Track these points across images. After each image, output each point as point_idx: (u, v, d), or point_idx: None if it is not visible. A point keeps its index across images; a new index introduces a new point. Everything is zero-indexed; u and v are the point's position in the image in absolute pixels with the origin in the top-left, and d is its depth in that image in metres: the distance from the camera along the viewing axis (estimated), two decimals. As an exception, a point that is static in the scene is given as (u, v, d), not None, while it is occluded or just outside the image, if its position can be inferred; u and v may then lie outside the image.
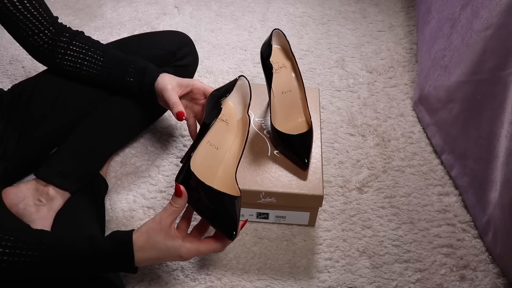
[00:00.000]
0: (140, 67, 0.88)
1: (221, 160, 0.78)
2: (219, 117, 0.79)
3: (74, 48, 0.88)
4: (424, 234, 0.93)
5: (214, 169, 0.77)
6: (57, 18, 0.89)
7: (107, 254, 0.66)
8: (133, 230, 0.68)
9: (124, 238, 0.67)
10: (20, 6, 0.81)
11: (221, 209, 0.69)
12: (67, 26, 0.90)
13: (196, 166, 0.71)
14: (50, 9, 0.88)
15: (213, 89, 0.86)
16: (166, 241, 0.67)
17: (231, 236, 0.68)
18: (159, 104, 0.90)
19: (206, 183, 0.68)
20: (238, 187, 0.73)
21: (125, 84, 0.89)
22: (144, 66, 0.88)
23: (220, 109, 0.80)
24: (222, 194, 0.69)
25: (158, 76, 0.86)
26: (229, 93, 0.82)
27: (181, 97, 0.86)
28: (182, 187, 0.67)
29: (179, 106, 0.83)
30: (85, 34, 0.92)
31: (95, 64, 0.89)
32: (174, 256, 0.68)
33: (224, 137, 0.80)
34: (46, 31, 0.86)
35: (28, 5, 0.82)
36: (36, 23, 0.84)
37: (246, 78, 0.82)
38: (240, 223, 0.71)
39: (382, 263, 0.88)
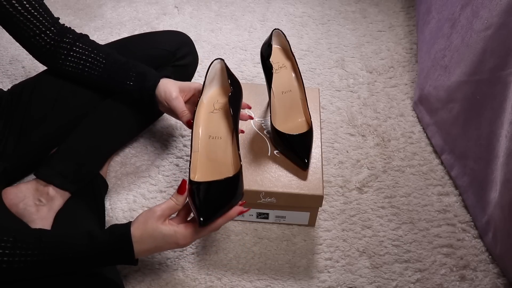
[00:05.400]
0: (141, 72, 0.89)
1: (226, 146, 0.78)
2: (206, 110, 0.80)
3: (77, 49, 0.88)
4: (424, 234, 0.93)
5: (222, 157, 0.77)
6: (58, 19, 0.88)
7: (106, 247, 0.66)
8: (130, 222, 0.68)
9: (122, 230, 0.67)
10: (19, 7, 0.81)
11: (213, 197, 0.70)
12: (71, 28, 0.90)
13: (202, 165, 0.71)
14: (50, 9, 0.88)
15: None
16: (162, 229, 0.67)
17: (200, 223, 0.66)
18: (159, 110, 0.90)
19: (215, 176, 0.70)
20: (240, 159, 0.74)
21: (125, 88, 0.89)
22: (144, 71, 0.89)
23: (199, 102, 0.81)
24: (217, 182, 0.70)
25: (159, 81, 0.87)
26: (203, 84, 0.82)
27: (185, 102, 0.87)
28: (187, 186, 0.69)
29: (188, 115, 0.84)
30: (87, 35, 0.91)
31: (96, 66, 0.88)
32: (172, 243, 0.68)
33: (222, 125, 0.80)
34: (48, 32, 0.86)
35: (27, 5, 0.82)
36: (37, 23, 0.84)
37: (222, 60, 0.82)
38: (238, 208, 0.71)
39: (382, 263, 0.88)
